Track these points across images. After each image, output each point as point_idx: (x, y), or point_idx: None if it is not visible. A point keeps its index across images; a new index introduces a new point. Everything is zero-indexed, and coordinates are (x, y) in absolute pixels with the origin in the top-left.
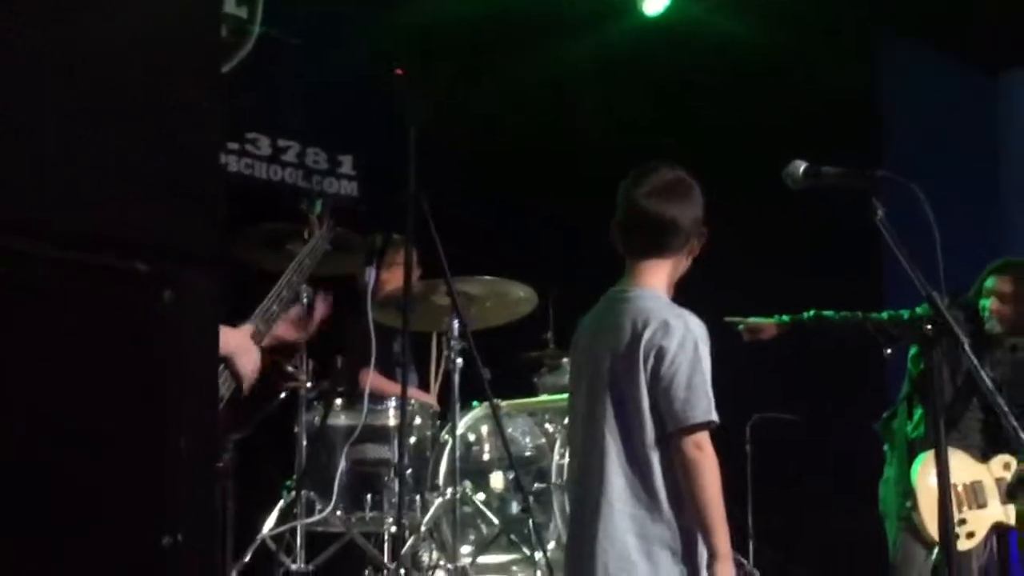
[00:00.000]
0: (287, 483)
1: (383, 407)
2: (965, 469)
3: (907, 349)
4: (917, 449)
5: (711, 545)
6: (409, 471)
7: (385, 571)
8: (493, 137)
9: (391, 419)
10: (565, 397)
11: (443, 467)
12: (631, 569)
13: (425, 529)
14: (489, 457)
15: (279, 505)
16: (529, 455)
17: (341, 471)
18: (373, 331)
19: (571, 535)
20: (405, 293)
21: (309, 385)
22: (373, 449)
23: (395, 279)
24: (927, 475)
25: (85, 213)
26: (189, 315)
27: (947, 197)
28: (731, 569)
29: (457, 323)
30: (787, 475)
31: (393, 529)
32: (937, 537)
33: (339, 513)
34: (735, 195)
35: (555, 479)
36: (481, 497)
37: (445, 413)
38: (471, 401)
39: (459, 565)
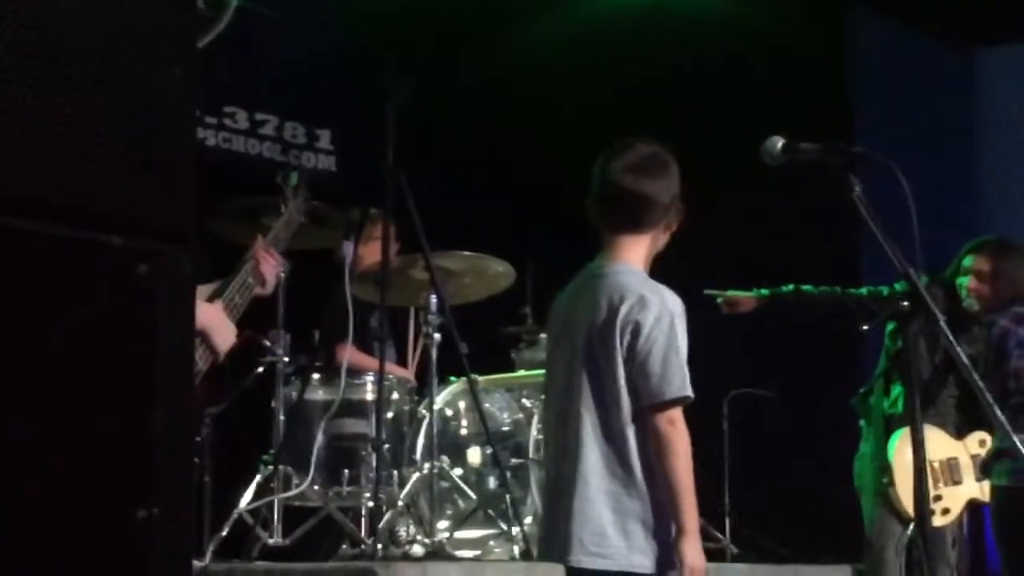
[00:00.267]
0: (264, 457)
1: (361, 382)
2: (941, 446)
3: (884, 325)
4: (894, 425)
5: (678, 521)
6: (386, 446)
7: (362, 546)
8: (471, 112)
9: (369, 394)
10: (543, 372)
11: (420, 442)
12: (606, 544)
13: (402, 504)
14: (466, 432)
15: (256, 479)
16: (506, 430)
17: (318, 446)
18: (351, 306)
19: (546, 509)
20: (383, 268)
21: (286, 360)
22: (350, 424)
23: (373, 254)
24: (904, 451)
25: (59, 186)
26: (165, 289)
27: (922, 176)
28: (697, 544)
29: (435, 298)
30: (764, 451)
31: (370, 504)
32: (913, 513)
33: (316, 488)
34: (713, 171)
35: (532, 454)
36: (458, 472)
37: (423, 388)
38: (449, 376)
39: (436, 540)
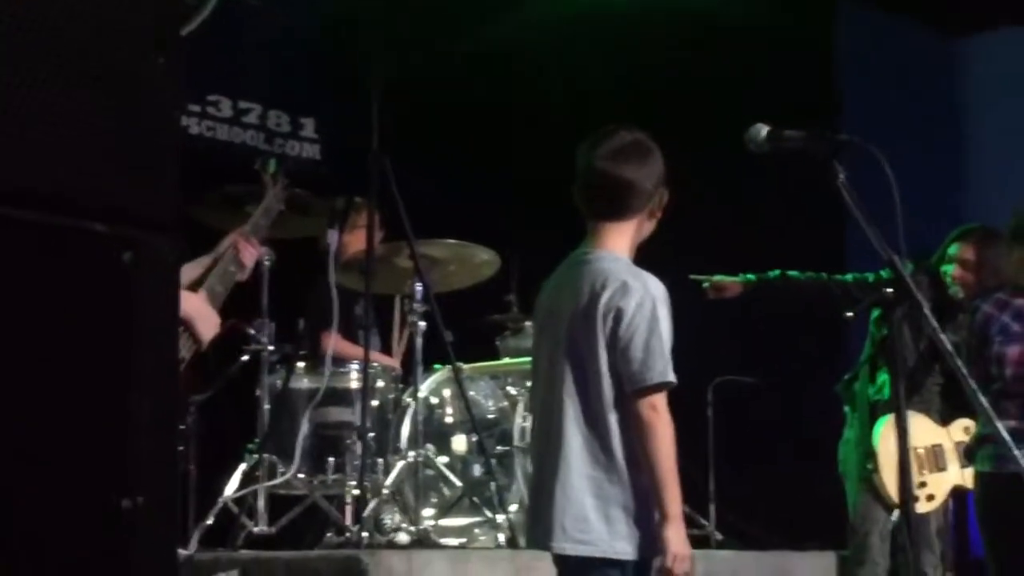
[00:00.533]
0: (249, 446)
1: (345, 370)
2: (926, 432)
3: (870, 312)
4: (879, 412)
5: (662, 506)
6: (371, 434)
7: (347, 534)
8: (456, 100)
9: (353, 382)
10: (527, 360)
11: (405, 430)
12: (587, 529)
13: (387, 492)
14: (452, 420)
15: (241, 468)
16: (491, 418)
17: (303, 434)
18: (335, 294)
19: (531, 495)
20: (368, 256)
21: (271, 348)
22: (335, 412)
23: (357, 242)
24: (889, 437)
25: (44, 175)
26: (149, 276)
27: (908, 164)
28: (681, 530)
29: (420, 286)
30: (748, 438)
31: (355, 492)
32: (897, 499)
33: (301, 476)
34: (698, 158)
35: (517, 442)
36: (443, 460)
37: (407, 376)
38: (434, 364)
39: (421, 528)
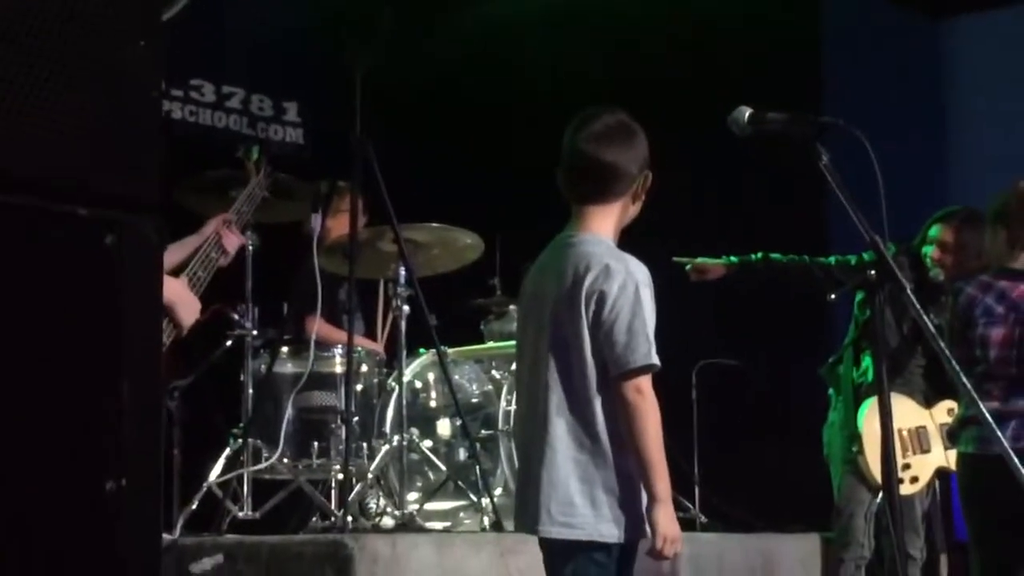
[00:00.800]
0: (234, 431)
1: (329, 354)
2: (909, 414)
3: (853, 295)
4: (863, 394)
5: (650, 489)
6: (356, 418)
7: (332, 518)
8: (440, 83)
9: (338, 366)
10: (512, 344)
11: (390, 414)
12: (573, 513)
13: (372, 476)
14: (436, 404)
15: (226, 453)
16: (476, 402)
17: (288, 418)
18: (319, 278)
19: (518, 480)
20: (351, 240)
21: (255, 333)
22: (320, 396)
23: (341, 226)
24: (873, 420)
25: (25, 158)
26: (131, 260)
27: (891, 146)
28: (670, 512)
29: (403, 270)
30: (733, 421)
31: (340, 476)
32: (881, 481)
33: (286, 460)
34: (681, 141)
35: (502, 426)
36: (428, 444)
37: (392, 360)
38: (418, 348)
39: (406, 512)
